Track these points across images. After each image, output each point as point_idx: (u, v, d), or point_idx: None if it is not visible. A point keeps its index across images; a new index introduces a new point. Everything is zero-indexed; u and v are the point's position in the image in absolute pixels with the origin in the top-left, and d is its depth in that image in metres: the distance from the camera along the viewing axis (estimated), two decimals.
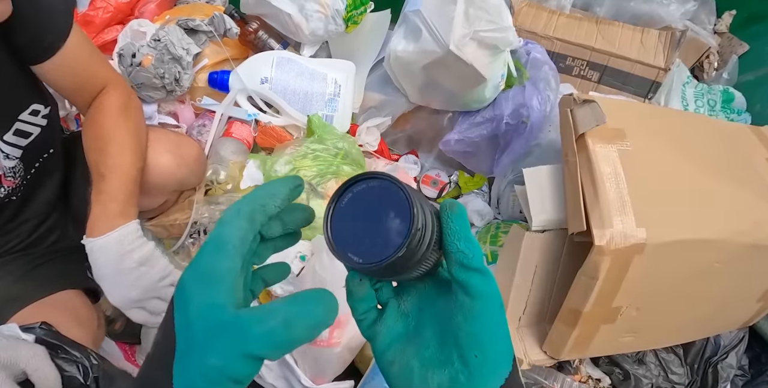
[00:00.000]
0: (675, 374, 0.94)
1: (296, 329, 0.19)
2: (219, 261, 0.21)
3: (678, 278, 0.77)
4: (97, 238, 0.55)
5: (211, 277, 0.20)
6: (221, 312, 0.19)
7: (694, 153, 0.83)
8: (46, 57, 0.55)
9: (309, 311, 0.19)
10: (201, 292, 0.20)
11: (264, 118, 0.91)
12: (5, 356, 0.45)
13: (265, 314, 0.19)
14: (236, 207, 0.23)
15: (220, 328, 0.19)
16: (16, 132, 0.57)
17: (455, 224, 0.23)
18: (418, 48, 0.86)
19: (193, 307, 0.20)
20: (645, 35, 1.09)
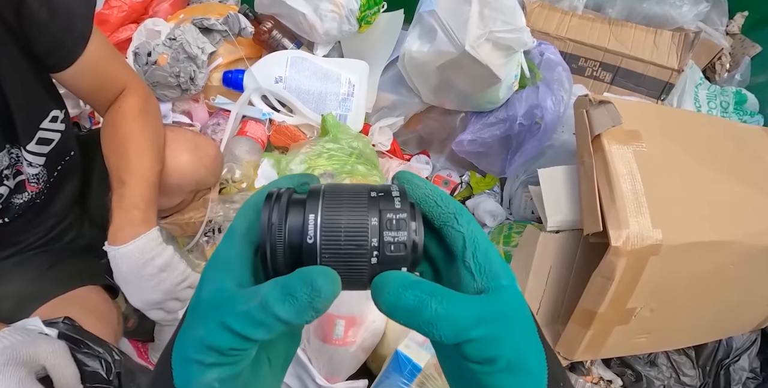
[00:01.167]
0: (687, 376, 0.94)
1: (272, 313, 0.18)
2: (229, 249, 0.22)
3: (692, 280, 0.77)
4: (120, 246, 0.55)
5: (222, 264, 0.21)
6: (223, 294, 0.20)
7: (708, 155, 0.82)
8: (66, 65, 0.55)
9: (288, 296, 0.18)
10: (212, 278, 0.21)
11: (278, 118, 0.92)
12: (25, 352, 0.45)
13: (252, 291, 0.19)
14: (245, 201, 0.24)
15: (217, 306, 0.19)
16: (39, 141, 0.57)
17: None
18: (433, 48, 0.86)
19: (204, 292, 0.21)
20: (658, 36, 1.09)
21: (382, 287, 0.20)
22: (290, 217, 0.20)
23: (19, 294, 0.62)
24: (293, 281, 0.19)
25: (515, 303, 0.21)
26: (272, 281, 0.19)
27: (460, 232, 0.22)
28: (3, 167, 0.56)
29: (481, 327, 0.19)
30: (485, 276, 0.21)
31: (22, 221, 0.64)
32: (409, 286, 0.19)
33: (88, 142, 0.72)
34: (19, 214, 0.62)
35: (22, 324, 0.51)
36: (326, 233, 0.20)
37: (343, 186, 0.22)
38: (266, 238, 0.21)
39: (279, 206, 0.21)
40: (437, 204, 0.23)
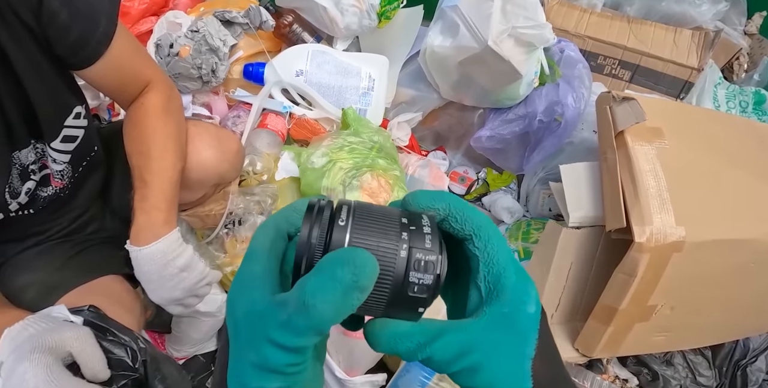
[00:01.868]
0: (703, 376, 0.93)
1: (315, 309, 0.16)
2: (252, 266, 0.21)
3: (713, 278, 0.76)
4: (143, 247, 0.56)
5: (248, 280, 0.20)
6: (257, 304, 0.19)
7: (730, 153, 0.82)
8: (89, 63, 0.54)
9: (328, 281, 0.17)
10: (242, 295, 0.20)
11: (298, 111, 0.92)
12: (51, 339, 0.45)
13: (286, 296, 0.18)
14: (262, 223, 0.23)
15: (256, 320, 0.18)
16: (64, 139, 0.57)
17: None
18: (455, 43, 0.86)
19: (238, 312, 0.20)
20: (678, 35, 1.08)
21: (375, 339, 0.20)
22: (335, 233, 0.19)
23: (43, 283, 0.62)
24: (330, 264, 0.17)
25: (506, 332, 0.21)
26: (306, 280, 0.18)
27: (475, 255, 0.22)
28: (29, 162, 0.56)
29: (464, 360, 0.20)
30: (490, 300, 0.21)
31: (46, 213, 0.64)
32: (399, 338, 0.20)
33: (109, 136, 0.72)
34: (44, 206, 0.62)
35: (48, 312, 0.51)
36: None
37: (373, 207, 0.21)
38: (305, 250, 0.19)
39: (321, 220, 0.20)
40: (453, 224, 0.22)
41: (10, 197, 0.55)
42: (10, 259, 0.64)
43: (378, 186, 0.77)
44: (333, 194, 0.76)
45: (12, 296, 0.59)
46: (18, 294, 0.60)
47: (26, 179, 0.56)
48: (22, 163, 0.55)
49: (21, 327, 0.47)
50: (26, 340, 0.45)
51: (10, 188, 0.55)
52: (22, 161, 0.55)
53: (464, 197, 1.08)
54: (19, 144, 0.54)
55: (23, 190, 0.56)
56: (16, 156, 0.54)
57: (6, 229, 0.60)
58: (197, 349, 0.86)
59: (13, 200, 0.56)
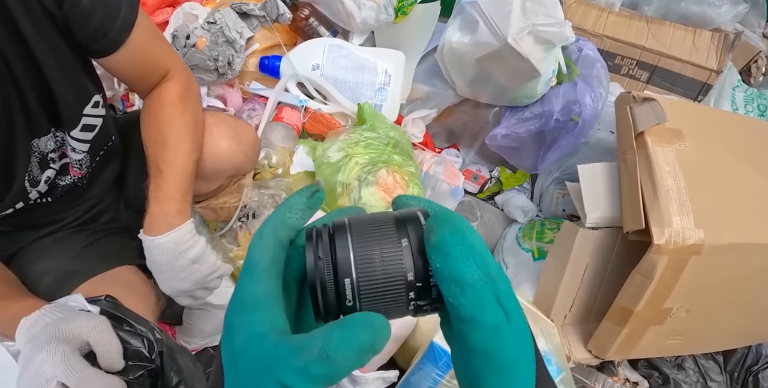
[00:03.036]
0: (714, 381, 0.92)
1: (334, 361, 0.17)
2: (253, 287, 0.19)
3: (730, 282, 0.76)
4: (156, 237, 0.56)
5: (250, 305, 0.19)
6: (262, 343, 0.18)
7: (750, 156, 0.81)
8: (110, 51, 0.54)
9: (350, 339, 0.17)
10: (242, 323, 0.19)
11: (313, 105, 0.91)
12: (67, 329, 0.45)
13: (303, 343, 0.17)
14: (259, 229, 0.22)
15: (261, 362, 0.17)
16: (83, 127, 0.57)
17: (437, 261, 0.19)
18: (474, 40, 0.85)
19: (237, 340, 0.18)
20: (697, 36, 1.07)
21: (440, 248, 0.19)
22: (339, 254, 0.20)
23: (59, 270, 0.62)
24: (354, 324, 0.17)
25: None
26: (325, 330, 0.18)
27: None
28: (49, 150, 0.56)
29: None
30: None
31: (63, 202, 0.64)
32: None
33: (124, 126, 0.72)
34: (62, 195, 0.62)
35: (65, 301, 0.51)
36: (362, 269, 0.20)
37: (366, 217, 0.22)
38: (315, 274, 0.20)
39: (322, 242, 0.20)
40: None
41: (30, 185, 0.55)
42: (27, 246, 0.64)
43: (393, 182, 0.76)
44: (349, 189, 0.76)
45: (29, 282, 0.59)
46: (35, 281, 0.60)
47: (45, 168, 0.56)
48: (42, 151, 0.55)
49: (37, 316, 0.47)
50: (43, 329, 0.45)
51: (29, 176, 0.54)
52: (42, 149, 0.55)
53: (477, 195, 1.07)
54: (39, 132, 0.53)
55: (42, 178, 0.56)
56: (36, 144, 0.54)
57: (23, 216, 0.59)
58: (208, 341, 0.86)
59: (32, 189, 0.56)
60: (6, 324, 0.48)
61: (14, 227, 0.63)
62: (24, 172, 0.53)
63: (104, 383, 0.44)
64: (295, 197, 0.23)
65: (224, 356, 0.19)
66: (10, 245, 0.64)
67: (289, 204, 0.23)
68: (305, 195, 0.23)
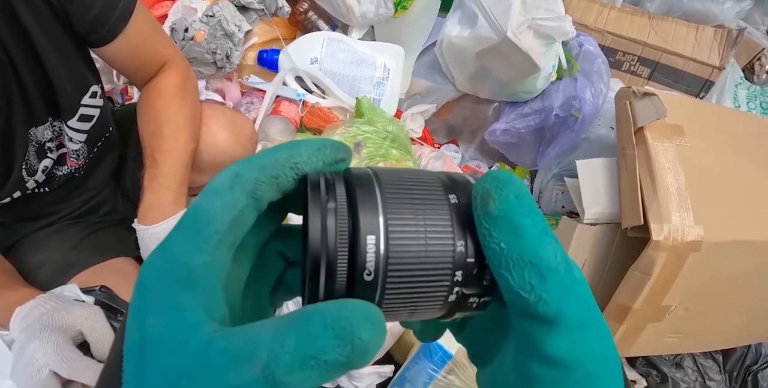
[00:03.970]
0: (713, 380, 0.92)
1: (286, 385, 0.11)
2: (193, 254, 0.13)
3: (730, 280, 0.75)
4: (150, 226, 0.55)
5: (181, 279, 0.13)
6: (189, 339, 0.12)
7: (751, 153, 0.80)
8: (108, 40, 0.54)
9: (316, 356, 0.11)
10: (164, 301, 0.13)
11: (312, 99, 0.91)
12: (61, 318, 0.45)
13: (248, 348, 0.11)
14: (235, 169, 0.15)
15: (183, 368, 0.12)
16: (80, 117, 0.57)
17: (495, 237, 0.13)
18: (474, 34, 0.85)
19: (151, 325, 0.12)
20: (700, 32, 1.06)
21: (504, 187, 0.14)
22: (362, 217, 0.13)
23: (56, 261, 0.62)
24: (318, 335, 0.11)
25: None
26: (275, 330, 0.12)
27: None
28: (46, 140, 0.56)
29: None
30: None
31: (61, 193, 0.64)
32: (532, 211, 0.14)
33: (122, 118, 0.72)
34: (59, 185, 0.62)
35: (59, 291, 0.51)
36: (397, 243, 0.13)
37: (401, 171, 0.15)
38: (321, 252, 0.13)
39: (336, 198, 0.14)
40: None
41: (27, 174, 0.55)
42: (25, 237, 0.64)
43: None
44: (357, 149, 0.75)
45: (26, 273, 0.59)
46: (32, 272, 0.60)
47: (43, 157, 0.56)
48: (39, 141, 0.55)
49: (32, 306, 0.47)
50: (37, 318, 0.45)
51: (26, 165, 0.54)
52: (39, 138, 0.55)
53: None
54: (37, 121, 0.53)
55: (40, 167, 0.56)
56: (33, 133, 0.54)
57: (21, 207, 0.60)
58: None
59: (30, 178, 0.56)
60: (1, 313, 0.48)
61: (12, 218, 0.63)
62: (21, 161, 0.53)
63: (96, 372, 0.44)
64: (308, 150, 0.15)
65: (129, 343, 0.13)
66: (8, 236, 0.64)
67: (294, 157, 0.15)
68: (325, 157, 0.15)
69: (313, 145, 0.15)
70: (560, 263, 0.13)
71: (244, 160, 0.15)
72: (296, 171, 0.15)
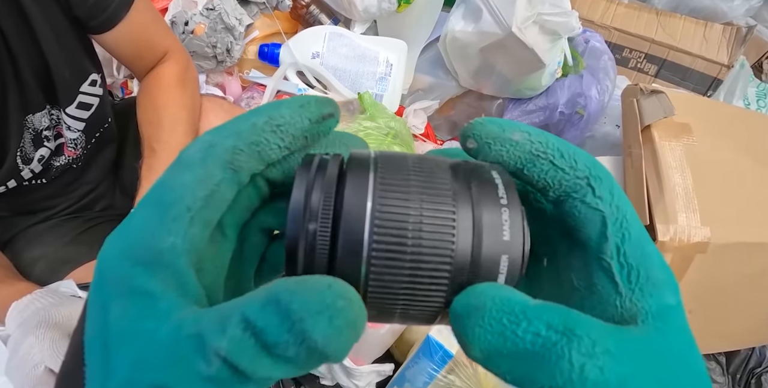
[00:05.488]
0: (716, 382, 0.91)
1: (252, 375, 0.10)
2: (161, 235, 0.12)
3: (735, 282, 0.74)
4: None
5: (147, 259, 0.11)
6: (159, 327, 0.11)
7: (761, 153, 0.79)
8: (108, 28, 0.54)
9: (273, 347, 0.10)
10: (129, 287, 0.11)
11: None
12: (58, 314, 0.45)
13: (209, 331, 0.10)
14: (208, 138, 0.13)
15: (153, 358, 0.10)
16: (79, 105, 0.56)
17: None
18: (478, 29, 0.83)
19: (115, 314, 0.11)
20: (708, 29, 1.04)
21: (475, 316, 0.11)
22: (347, 200, 0.12)
23: (52, 257, 0.61)
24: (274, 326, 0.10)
25: (691, 341, 0.13)
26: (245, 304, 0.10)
27: (596, 209, 0.13)
28: (43, 128, 0.55)
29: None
30: (639, 288, 0.12)
31: (58, 185, 0.63)
32: (522, 315, 0.11)
33: (122, 112, 0.71)
34: (56, 176, 0.61)
35: (56, 287, 0.50)
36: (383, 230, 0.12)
37: (405, 155, 0.14)
38: (300, 232, 0.12)
39: (324, 177, 0.12)
40: (555, 165, 0.13)
41: (22, 162, 0.54)
42: (22, 232, 0.64)
43: None
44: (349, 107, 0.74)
45: (22, 268, 0.59)
46: (28, 267, 0.60)
47: (39, 145, 0.55)
48: (36, 128, 0.54)
49: (28, 301, 0.46)
50: (33, 314, 0.44)
51: (21, 153, 0.54)
52: (36, 126, 0.54)
53: None
54: (33, 107, 0.53)
55: (36, 156, 0.55)
56: (30, 120, 0.53)
57: (18, 199, 0.59)
58: None
59: (25, 166, 0.55)
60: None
61: (9, 211, 0.63)
62: (16, 148, 0.53)
63: None
64: (289, 109, 0.13)
65: (90, 333, 0.12)
66: (4, 231, 0.64)
67: (275, 118, 0.13)
68: (310, 115, 0.13)
69: (294, 102, 0.14)
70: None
71: (217, 127, 0.13)
72: (280, 135, 0.13)
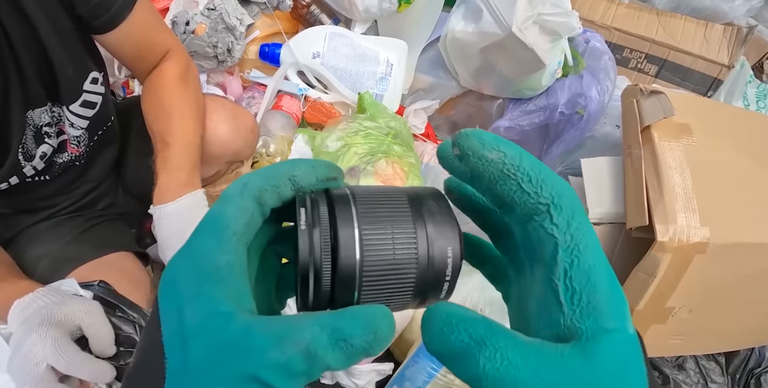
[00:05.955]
0: (715, 382, 0.91)
1: (322, 361, 0.14)
2: (219, 254, 0.16)
3: (735, 283, 0.74)
4: (166, 204, 0.55)
5: (210, 274, 0.15)
6: (227, 325, 0.14)
7: (761, 154, 0.79)
8: (110, 28, 0.54)
9: (347, 339, 0.14)
10: (198, 294, 0.15)
11: (313, 94, 0.90)
12: (60, 313, 0.45)
13: (286, 331, 0.14)
14: (242, 182, 0.17)
15: (226, 348, 0.14)
16: (83, 103, 0.57)
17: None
18: (478, 29, 0.84)
19: (189, 315, 0.14)
20: (709, 29, 1.04)
21: (428, 325, 0.15)
22: (341, 231, 0.16)
23: (54, 256, 0.61)
24: (350, 325, 0.14)
25: (623, 366, 0.13)
26: (316, 320, 0.15)
27: (551, 235, 0.15)
28: (43, 124, 0.55)
29: None
30: (580, 310, 0.14)
31: (61, 182, 0.64)
32: (454, 325, 0.14)
33: (123, 111, 0.71)
34: (59, 173, 0.61)
35: (58, 285, 0.50)
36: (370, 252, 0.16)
37: (372, 189, 0.18)
38: (308, 259, 0.16)
39: (319, 216, 0.16)
40: (522, 187, 0.15)
41: (24, 158, 0.55)
42: (24, 230, 0.64)
43: (393, 173, 0.75)
44: (352, 173, 0.75)
45: (24, 266, 0.59)
46: (30, 265, 0.60)
47: (41, 142, 0.55)
48: (36, 124, 0.54)
49: (31, 299, 0.46)
50: (35, 312, 0.45)
51: (23, 149, 0.54)
52: (36, 122, 0.54)
53: None
54: (34, 103, 0.53)
55: (38, 153, 0.56)
56: (30, 116, 0.53)
57: (20, 197, 0.59)
58: None
59: (27, 163, 0.55)
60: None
61: (11, 209, 0.63)
62: (18, 144, 0.53)
63: (94, 367, 0.43)
64: (305, 167, 0.18)
65: (168, 332, 0.15)
66: (7, 229, 0.64)
67: (292, 170, 0.18)
68: (318, 174, 0.18)
69: (309, 163, 0.18)
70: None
71: (252, 172, 0.18)
72: (293, 182, 0.18)
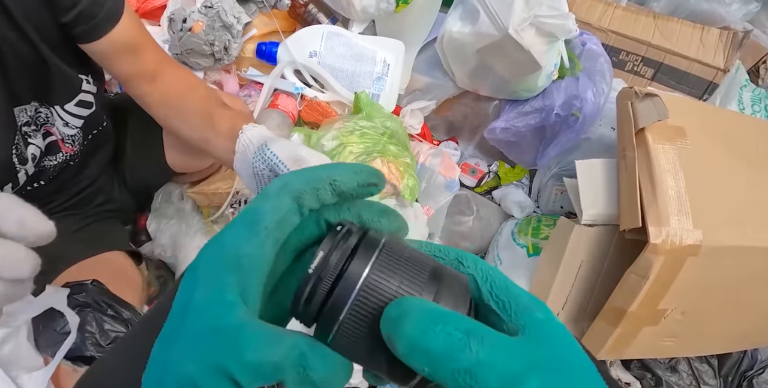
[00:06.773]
0: (708, 384, 0.91)
1: (281, 374, 0.15)
2: (244, 244, 0.16)
3: (727, 285, 0.74)
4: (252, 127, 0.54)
5: (229, 262, 0.16)
6: (226, 314, 0.15)
7: (754, 157, 0.79)
8: (95, 37, 0.53)
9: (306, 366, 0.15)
10: (212, 279, 0.16)
11: (310, 93, 0.90)
12: None
13: (274, 342, 0.15)
14: (286, 179, 0.18)
15: (214, 335, 0.15)
16: (79, 103, 0.57)
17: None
18: (475, 30, 0.84)
19: (198, 295, 0.16)
20: (705, 33, 1.05)
21: (401, 319, 0.15)
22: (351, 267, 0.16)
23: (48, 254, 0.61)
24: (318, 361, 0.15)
25: (565, 340, 0.16)
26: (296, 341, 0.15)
27: (468, 273, 0.18)
28: (22, 123, 0.54)
29: (534, 376, 0.14)
30: (514, 312, 0.17)
31: (57, 184, 0.63)
32: (439, 319, 0.15)
33: (119, 105, 0.71)
34: (54, 176, 0.61)
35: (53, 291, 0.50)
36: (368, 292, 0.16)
37: (405, 248, 0.18)
38: (314, 277, 0.17)
39: (345, 244, 0.17)
40: (435, 256, 0.19)
41: (18, 162, 0.54)
42: None
43: (388, 172, 0.75)
44: None
45: None
46: None
47: (27, 143, 0.55)
48: (21, 121, 0.54)
49: None
50: None
51: (17, 150, 0.53)
52: (21, 120, 0.54)
53: (474, 189, 1.05)
54: (20, 100, 0.52)
55: (28, 155, 0.55)
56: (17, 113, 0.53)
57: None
58: None
59: (21, 167, 0.55)
60: None
61: None
62: (11, 145, 0.52)
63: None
64: (347, 172, 0.19)
65: (177, 302, 0.16)
66: None
67: (334, 175, 0.18)
68: (360, 180, 0.19)
69: (351, 167, 0.19)
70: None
71: (292, 173, 0.19)
72: (333, 187, 0.18)
